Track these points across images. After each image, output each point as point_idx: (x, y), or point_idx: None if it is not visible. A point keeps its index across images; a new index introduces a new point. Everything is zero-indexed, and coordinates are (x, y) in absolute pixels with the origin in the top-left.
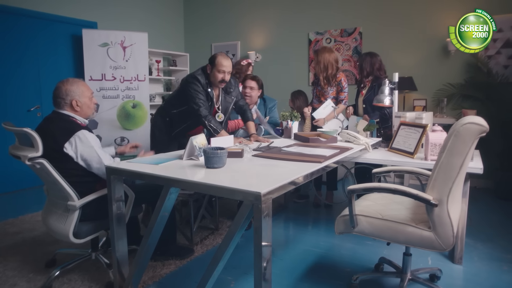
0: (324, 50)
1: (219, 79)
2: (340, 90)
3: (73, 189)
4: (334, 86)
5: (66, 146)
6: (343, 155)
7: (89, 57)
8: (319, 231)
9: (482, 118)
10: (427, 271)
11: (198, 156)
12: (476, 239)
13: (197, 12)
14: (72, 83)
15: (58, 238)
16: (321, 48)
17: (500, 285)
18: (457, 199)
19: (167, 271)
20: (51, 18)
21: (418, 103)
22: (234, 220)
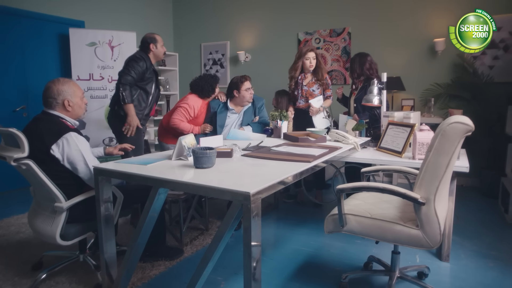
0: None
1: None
2: (326, 88)
3: (60, 191)
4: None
5: (53, 148)
6: (332, 154)
7: (76, 57)
8: (309, 231)
9: (468, 118)
10: (415, 268)
11: (187, 156)
12: (463, 236)
13: (187, 12)
14: (64, 82)
15: (44, 240)
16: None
17: (486, 281)
18: (444, 197)
19: (156, 272)
20: (37, 16)
21: (406, 102)
22: (223, 220)
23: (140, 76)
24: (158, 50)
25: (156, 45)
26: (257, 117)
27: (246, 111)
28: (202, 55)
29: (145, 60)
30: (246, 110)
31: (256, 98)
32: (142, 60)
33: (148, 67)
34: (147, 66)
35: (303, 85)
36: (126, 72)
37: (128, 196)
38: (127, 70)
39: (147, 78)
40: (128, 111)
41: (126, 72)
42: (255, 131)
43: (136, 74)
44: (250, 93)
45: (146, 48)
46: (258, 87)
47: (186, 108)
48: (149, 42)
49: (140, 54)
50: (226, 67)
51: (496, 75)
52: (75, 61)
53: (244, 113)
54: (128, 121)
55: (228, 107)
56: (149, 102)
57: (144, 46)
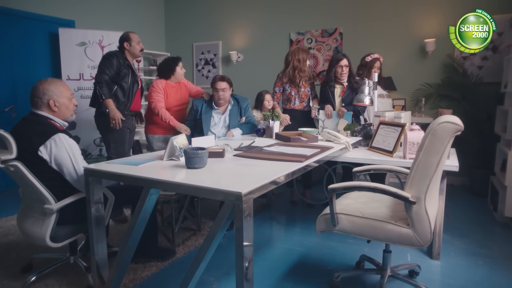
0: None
1: (140, 49)
2: (313, 88)
3: (49, 192)
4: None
5: (41, 150)
6: (323, 154)
7: (66, 57)
8: (301, 230)
9: (457, 117)
10: (406, 267)
11: (178, 157)
12: (453, 235)
13: (178, 12)
14: (51, 82)
15: (34, 242)
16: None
17: (476, 278)
18: (434, 196)
19: (148, 273)
20: (27, 16)
21: (398, 102)
22: (215, 221)
23: (115, 73)
24: (133, 47)
25: (130, 43)
26: (243, 117)
27: (231, 112)
28: (194, 55)
29: (117, 56)
30: (231, 111)
31: (241, 99)
32: (114, 56)
33: (122, 63)
34: (121, 63)
35: (299, 86)
36: (99, 71)
37: (119, 197)
38: (101, 69)
39: (123, 73)
40: (108, 106)
41: (100, 71)
42: (245, 132)
43: (110, 71)
44: (219, 95)
45: (121, 47)
46: (250, 86)
47: (154, 90)
48: (123, 41)
49: (112, 52)
50: (218, 67)
51: (485, 75)
52: (65, 61)
53: (230, 114)
54: (111, 115)
55: (213, 107)
56: (127, 96)
57: (119, 44)
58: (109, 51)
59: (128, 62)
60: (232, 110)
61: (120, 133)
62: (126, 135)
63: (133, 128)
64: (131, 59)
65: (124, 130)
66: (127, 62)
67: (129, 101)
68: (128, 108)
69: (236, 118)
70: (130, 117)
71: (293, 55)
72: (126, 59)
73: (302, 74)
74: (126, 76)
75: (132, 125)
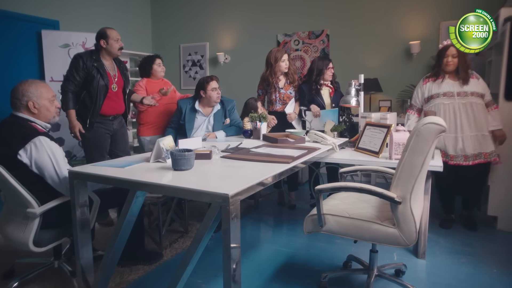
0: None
1: (119, 47)
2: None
3: (32, 196)
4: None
5: (21, 153)
6: (310, 155)
7: (49, 58)
8: (289, 231)
9: (441, 118)
10: (392, 266)
11: (165, 159)
12: (438, 234)
13: (166, 13)
14: (31, 83)
15: (16, 247)
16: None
17: (459, 276)
18: (419, 196)
19: (135, 277)
20: (9, 15)
21: (384, 103)
22: (202, 223)
23: (83, 77)
24: (110, 45)
25: (107, 40)
26: (227, 119)
27: (216, 114)
28: (181, 56)
29: (83, 59)
30: (216, 113)
31: (226, 100)
32: (79, 59)
33: (88, 66)
34: (87, 66)
35: (280, 88)
36: (64, 78)
37: (105, 199)
38: (66, 76)
39: (90, 77)
40: (68, 116)
41: (65, 78)
42: (230, 134)
43: (76, 77)
44: (217, 93)
45: (97, 45)
46: (237, 88)
47: (135, 88)
48: (98, 38)
49: (78, 55)
50: (205, 68)
51: None
52: (48, 62)
53: (214, 116)
54: (69, 127)
55: (196, 109)
56: (94, 100)
57: (96, 42)
58: (76, 54)
59: (97, 64)
60: (217, 113)
61: (96, 140)
62: (102, 141)
63: (115, 131)
64: (108, 59)
65: (100, 136)
66: (95, 64)
67: (96, 106)
68: (97, 113)
69: (221, 121)
70: (108, 121)
71: (269, 55)
72: (95, 60)
73: (278, 72)
74: (93, 79)
75: (112, 129)
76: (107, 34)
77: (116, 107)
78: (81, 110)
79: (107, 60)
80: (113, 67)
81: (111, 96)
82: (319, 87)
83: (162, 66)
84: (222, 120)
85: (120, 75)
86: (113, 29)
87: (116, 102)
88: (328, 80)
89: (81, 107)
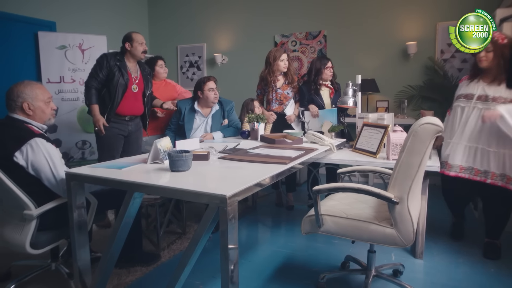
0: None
1: (142, 50)
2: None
3: (29, 198)
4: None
5: (17, 155)
6: (308, 156)
7: (46, 60)
8: (287, 232)
9: (438, 119)
10: (390, 266)
11: (162, 160)
12: (436, 234)
13: (163, 14)
14: (26, 85)
15: (13, 249)
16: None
17: (457, 276)
18: (416, 196)
19: (133, 279)
20: (6, 16)
21: (381, 104)
22: (199, 224)
23: (106, 75)
24: (135, 48)
25: (131, 43)
26: (225, 120)
27: (214, 115)
28: (179, 57)
29: (107, 58)
30: (214, 114)
31: (225, 101)
32: (104, 58)
33: (112, 64)
34: (110, 64)
35: (277, 88)
36: (89, 75)
37: (103, 201)
38: (90, 73)
39: (111, 75)
40: (91, 111)
41: (89, 75)
42: (228, 135)
43: (99, 74)
44: (214, 93)
45: (122, 48)
46: (235, 89)
47: None
48: (124, 41)
49: (104, 54)
50: (203, 69)
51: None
52: (45, 64)
53: (213, 117)
54: (93, 121)
55: (196, 109)
56: (113, 96)
57: (122, 45)
58: (102, 53)
59: (120, 63)
60: (216, 114)
61: (107, 139)
62: (114, 142)
63: (130, 133)
64: (132, 61)
65: (113, 136)
66: (118, 63)
67: (114, 103)
68: (114, 111)
69: (219, 121)
70: (124, 121)
71: (268, 55)
72: (118, 60)
73: (276, 71)
74: (114, 77)
75: (127, 130)
76: (132, 37)
77: (134, 108)
78: (100, 107)
79: (130, 62)
80: (136, 69)
81: (130, 96)
82: (318, 87)
83: (164, 67)
84: (220, 121)
85: (142, 78)
86: (139, 33)
87: (134, 103)
88: (327, 80)
89: (101, 104)
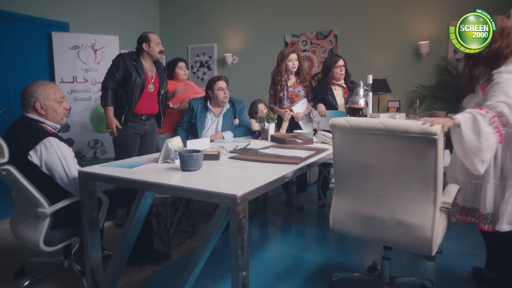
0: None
1: (159, 50)
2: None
3: (43, 196)
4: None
5: (31, 154)
6: (319, 156)
7: (59, 60)
8: (297, 232)
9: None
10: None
11: (173, 159)
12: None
13: (174, 15)
14: (39, 85)
15: (27, 246)
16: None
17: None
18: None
19: (144, 277)
20: (20, 18)
21: (392, 104)
22: (210, 223)
23: (122, 75)
24: (152, 49)
25: (149, 44)
26: (236, 119)
27: (225, 114)
28: (189, 57)
29: (124, 58)
30: (225, 114)
31: (236, 101)
32: (120, 58)
33: (128, 65)
34: (127, 64)
35: (288, 86)
36: (105, 76)
37: (114, 199)
38: (107, 73)
39: (128, 75)
40: (106, 113)
41: (106, 76)
42: (238, 135)
43: (115, 75)
44: (224, 93)
45: (139, 48)
46: (245, 89)
47: None
48: (141, 42)
49: (120, 54)
50: (213, 69)
51: None
52: (58, 64)
53: (224, 116)
54: (106, 123)
55: (208, 108)
56: (131, 97)
57: (138, 45)
58: (118, 53)
59: (136, 63)
60: (227, 113)
61: (123, 139)
62: (130, 141)
63: (146, 132)
64: (148, 61)
65: (129, 135)
66: (135, 63)
67: (132, 103)
68: (131, 111)
69: (230, 121)
70: (141, 121)
71: (279, 54)
72: (135, 60)
73: (283, 71)
74: (131, 77)
75: (143, 130)
76: (149, 38)
77: (150, 107)
78: (117, 107)
79: (147, 62)
80: (152, 69)
81: (147, 95)
82: (329, 86)
83: (184, 69)
84: (231, 121)
85: (157, 77)
86: (155, 33)
87: (150, 102)
88: (338, 79)
89: (118, 104)
